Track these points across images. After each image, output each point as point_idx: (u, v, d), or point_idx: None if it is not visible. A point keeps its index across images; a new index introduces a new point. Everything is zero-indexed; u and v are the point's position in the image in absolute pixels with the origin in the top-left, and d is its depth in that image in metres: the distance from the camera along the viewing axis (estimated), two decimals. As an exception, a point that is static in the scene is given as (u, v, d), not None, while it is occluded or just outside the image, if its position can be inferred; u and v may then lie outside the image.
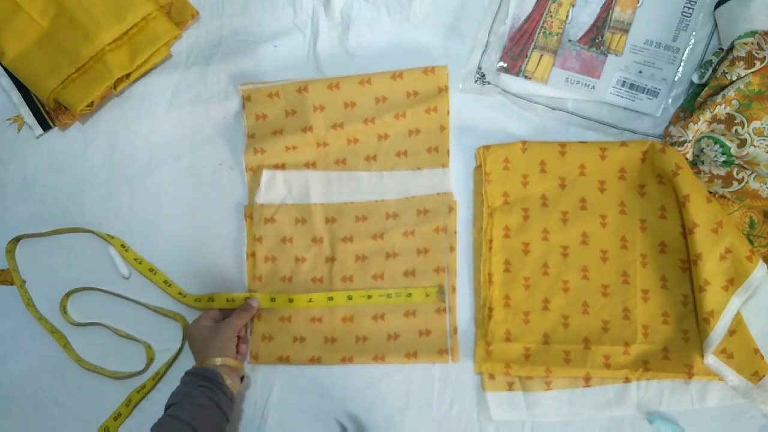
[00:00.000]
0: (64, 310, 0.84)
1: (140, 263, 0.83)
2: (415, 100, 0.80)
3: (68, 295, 0.84)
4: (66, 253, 0.85)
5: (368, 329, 0.79)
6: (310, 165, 0.82)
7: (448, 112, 0.80)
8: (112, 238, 0.84)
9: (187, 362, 0.82)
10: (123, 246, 0.83)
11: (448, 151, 0.80)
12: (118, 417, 0.81)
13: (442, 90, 0.80)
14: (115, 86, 0.83)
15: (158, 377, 0.81)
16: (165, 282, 0.83)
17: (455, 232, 0.80)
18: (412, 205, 0.81)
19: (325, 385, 0.80)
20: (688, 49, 0.77)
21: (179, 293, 0.82)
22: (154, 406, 0.81)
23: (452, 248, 0.79)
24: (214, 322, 0.77)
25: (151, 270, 0.83)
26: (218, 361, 0.73)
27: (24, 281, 0.85)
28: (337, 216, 0.81)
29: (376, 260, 0.80)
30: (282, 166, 0.81)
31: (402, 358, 0.78)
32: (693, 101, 0.75)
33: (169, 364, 0.82)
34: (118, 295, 0.83)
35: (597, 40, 0.78)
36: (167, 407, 0.70)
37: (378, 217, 0.81)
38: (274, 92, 0.81)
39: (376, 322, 0.79)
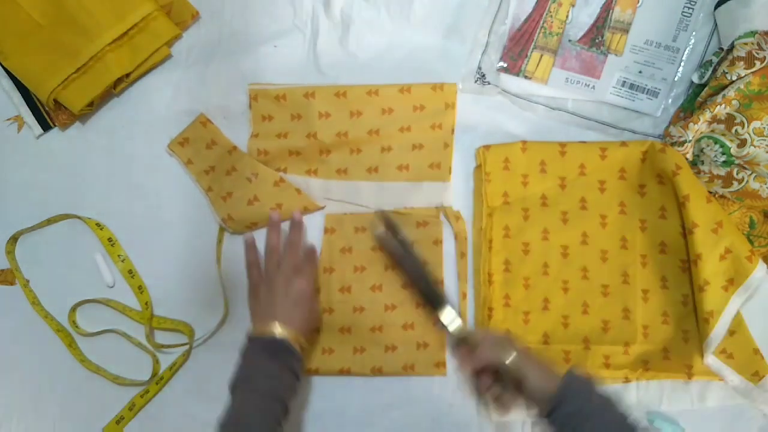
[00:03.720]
0: (74, 324, 0.83)
1: (123, 261, 0.83)
2: (421, 115, 0.80)
3: (74, 308, 0.84)
4: (65, 253, 0.85)
5: (366, 341, 0.79)
6: (311, 172, 0.81)
7: (452, 130, 0.80)
8: (101, 229, 0.83)
9: (193, 368, 0.82)
10: (110, 240, 0.83)
11: (450, 168, 0.80)
12: (120, 420, 0.81)
13: (449, 107, 0.79)
14: (115, 86, 0.83)
15: (163, 383, 0.81)
16: (139, 288, 0.83)
17: (465, 239, 0.79)
18: (411, 218, 0.80)
19: (325, 384, 0.80)
20: (688, 49, 0.77)
21: (146, 303, 0.82)
22: (156, 407, 0.82)
23: (463, 254, 0.79)
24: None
25: (130, 272, 0.83)
26: (281, 330, 0.69)
27: (27, 280, 0.85)
28: (336, 226, 0.81)
29: (374, 271, 0.80)
30: (284, 170, 0.81)
31: (399, 370, 0.78)
32: (693, 101, 0.75)
33: (175, 370, 0.82)
34: (119, 310, 0.83)
35: (597, 40, 0.78)
36: (235, 386, 0.67)
37: (378, 228, 0.81)
38: (281, 95, 0.81)
39: (374, 334, 0.79)
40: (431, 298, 0.76)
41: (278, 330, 0.69)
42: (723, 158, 0.72)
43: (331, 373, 0.79)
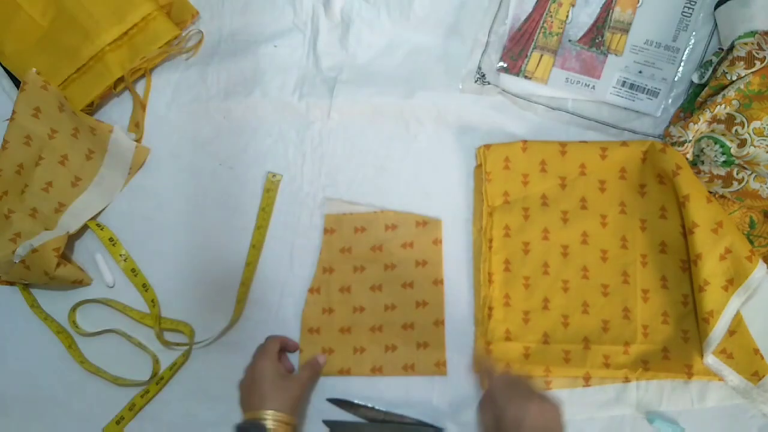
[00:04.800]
0: (74, 324, 0.83)
1: (125, 260, 0.83)
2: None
3: (74, 308, 0.84)
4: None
5: (366, 341, 0.79)
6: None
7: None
8: (102, 229, 0.83)
9: (194, 368, 0.82)
10: (111, 239, 0.83)
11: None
12: (120, 420, 0.81)
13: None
14: (115, 86, 0.83)
15: (163, 383, 0.81)
16: (143, 286, 0.83)
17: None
18: (411, 216, 0.81)
19: (325, 384, 0.80)
20: (688, 49, 0.77)
21: (152, 300, 0.82)
22: (156, 408, 0.82)
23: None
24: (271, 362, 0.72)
25: (133, 270, 0.83)
26: (262, 414, 0.68)
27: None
28: (335, 227, 0.81)
29: (374, 271, 0.80)
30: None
31: (399, 370, 0.78)
32: (693, 101, 0.75)
33: (175, 370, 0.82)
34: (119, 310, 0.83)
35: (597, 40, 0.78)
36: None
37: (377, 228, 0.81)
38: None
39: (374, 334, 0.79)
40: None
41: (255, 414, 0.69)
42: (723, 158, 0.72)
43: (330, 373, 0.79)
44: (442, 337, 0.78)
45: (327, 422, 0.78)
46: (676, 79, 0.77)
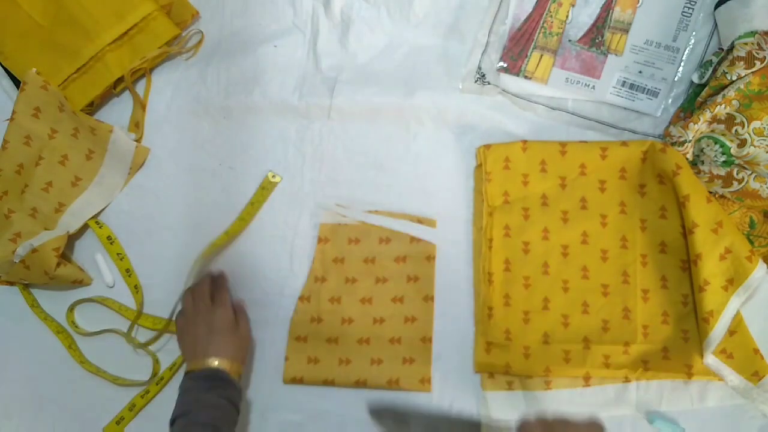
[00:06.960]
0: (73, 324, 0.83)
1: (121, 259, 0.83)
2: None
3: (72, 308, 0.84)
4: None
5: (353, 352, 0.79)
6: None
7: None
8: (101, 227, 0.83)
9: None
10: (109, 238, 0.83)
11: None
12: (120, 421, 0.81)
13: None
14: (115, 86, 0.83)
15: (163, 383, 0.81)
16: (135, 287, 0.83)
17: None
18: (407, 223, 0.80)
19: (309, 393, 0.79)
20: (688, 49, 0.77)
21: (140, 303, 0.82)
22: (156, 408, 0.81)
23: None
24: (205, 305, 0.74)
25: (127, 271, 0.83)
26: (216, 362, 0.70)
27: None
28: (330, 236, 0.81)
29: (365, 284, 0.80)
30: None
31: (384, 384, 0.78)
32: (693, 101, 0.75)
33: (175, 370, 0.82)
34: (115, 309, 0.83)
35: (597, 40, 0.78)
36: (174, 420, 0.67)
37: (370, 240, 0.81)
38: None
39: (361, 346, 0.79)
40: None
41: (214, 362, 0.70)
42: (723, 158, 0.72)
43: (315, 382, 0.79)
44: (428, 354, 0.78)
45: (372, 409, 0.77)
46: (676, 79, 0.77)
